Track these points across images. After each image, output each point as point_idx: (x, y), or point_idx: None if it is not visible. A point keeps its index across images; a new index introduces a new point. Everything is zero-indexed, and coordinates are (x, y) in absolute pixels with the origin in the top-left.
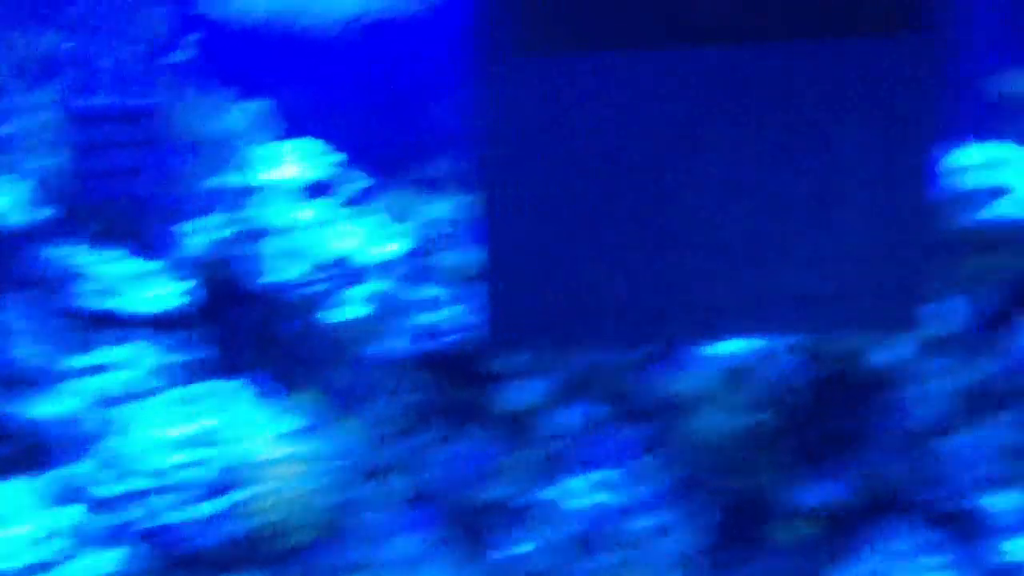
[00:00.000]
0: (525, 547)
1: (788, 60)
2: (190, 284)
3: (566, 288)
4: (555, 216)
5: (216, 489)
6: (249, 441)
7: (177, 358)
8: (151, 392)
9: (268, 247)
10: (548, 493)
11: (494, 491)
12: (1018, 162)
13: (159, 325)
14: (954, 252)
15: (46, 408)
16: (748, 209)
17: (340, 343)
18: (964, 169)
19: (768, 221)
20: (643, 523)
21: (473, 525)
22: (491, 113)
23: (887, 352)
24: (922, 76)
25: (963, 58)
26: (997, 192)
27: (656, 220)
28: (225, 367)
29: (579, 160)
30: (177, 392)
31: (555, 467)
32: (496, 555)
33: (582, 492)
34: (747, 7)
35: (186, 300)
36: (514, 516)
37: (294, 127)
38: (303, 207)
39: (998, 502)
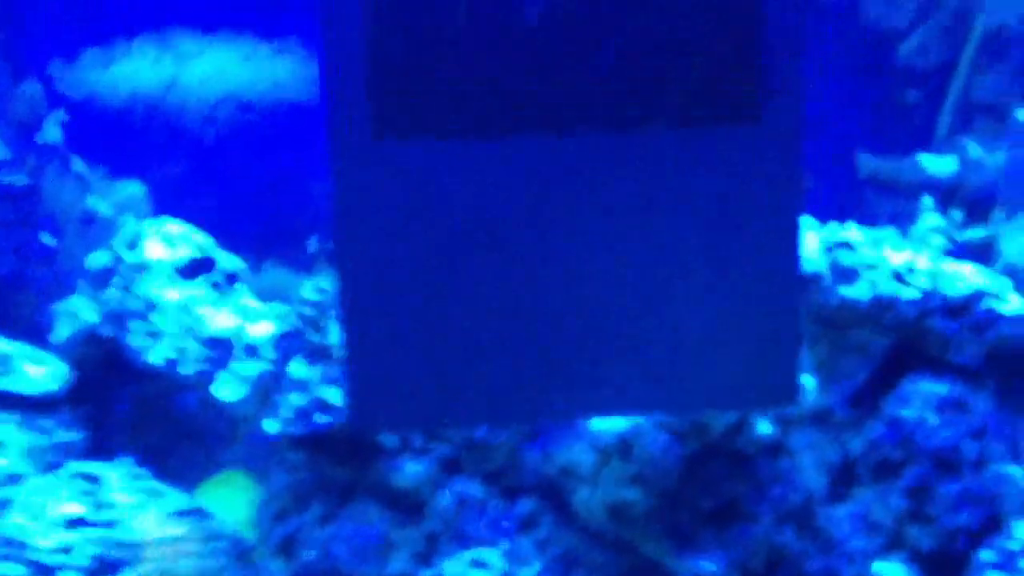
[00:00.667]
0: None
1: (646, 147)
2: (63, 364)
3: (431, 369)
4: (415, 298)
5: (98, 571)
6: (130, 522)
7: (54, 439)
8: (28, 474)
9: (141, 327)
10: (431, 571)
11: (379, 569)
12: (871, 243)
13: (32, 406)
14: (816, 330)
15: None
16: (614, 291)
17: (219, 422)
18: (819, 250)
19: (634, 303)
20: None
21: None
22: (345, 196)
23: (759, 427)
24: (774, 163)
25: (811, 142)
26: (850, 273)
27: (517, 303)
28: (102, 448)
29: (437, 241)
30: (53, 474)
31: (437, 545)
32: None
33: (463, 570)
34: (601, 97)
35: (60, 381)
36: None
37: (165, 206)
38: (174, 287)
39: (881, 571)
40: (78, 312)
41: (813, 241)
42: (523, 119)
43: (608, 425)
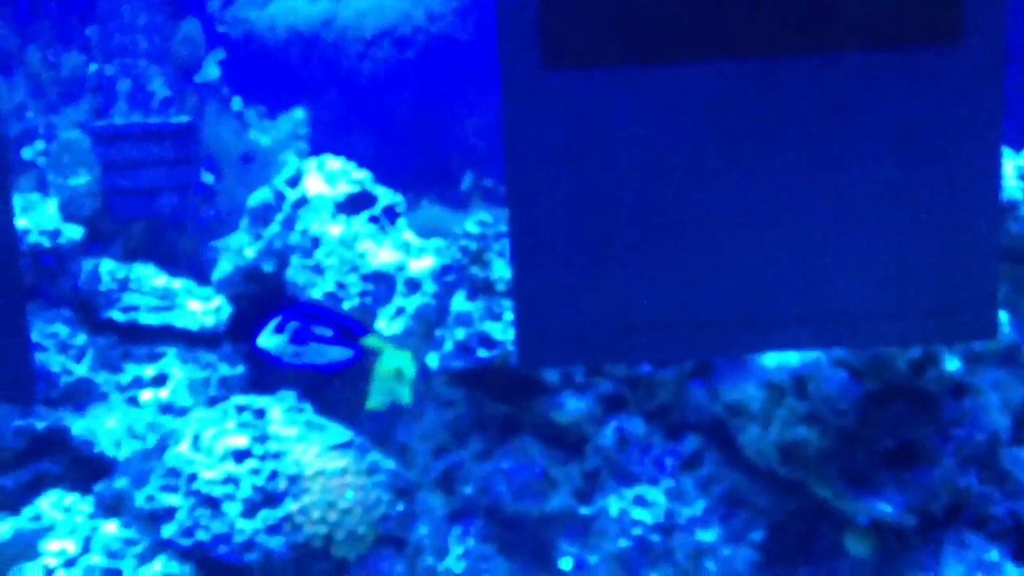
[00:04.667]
0: (571, 563)
1: (834, 71)
2: (225, 300)
3: (601, 303)
4: (587, 230)
5: (261, 503)
6: (293, 455)
7: (216, 373)
8: (192, 407)
9: (302, 262)
10: (593, 508)
11: (539, 505)
12: None
13: (198, 340)
14: (1011, 263)
15: (87, 423)
16: (797, 220)
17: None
18: (1015, 177)
19: (819, 232)
20: (689, 540)
21: (518, 540)
22: (518, 128)
23: (947, 363)
24: (973, 86)
25: (1009, 67)
26: None
27: (694, 233)
28: (263, 382)
29: (609, 173)
30: (217, 407)
31: (598, 482)
32: (543, 570)
33: (627, 508)
34: (786, 17)
35: (222, 316)
36: (560, 531)
37: (323, 144)
38: (336, 222)
39: None
40: (240, 248)
41: (1008, 167)
42: (700, 43)
43: (780, 361)
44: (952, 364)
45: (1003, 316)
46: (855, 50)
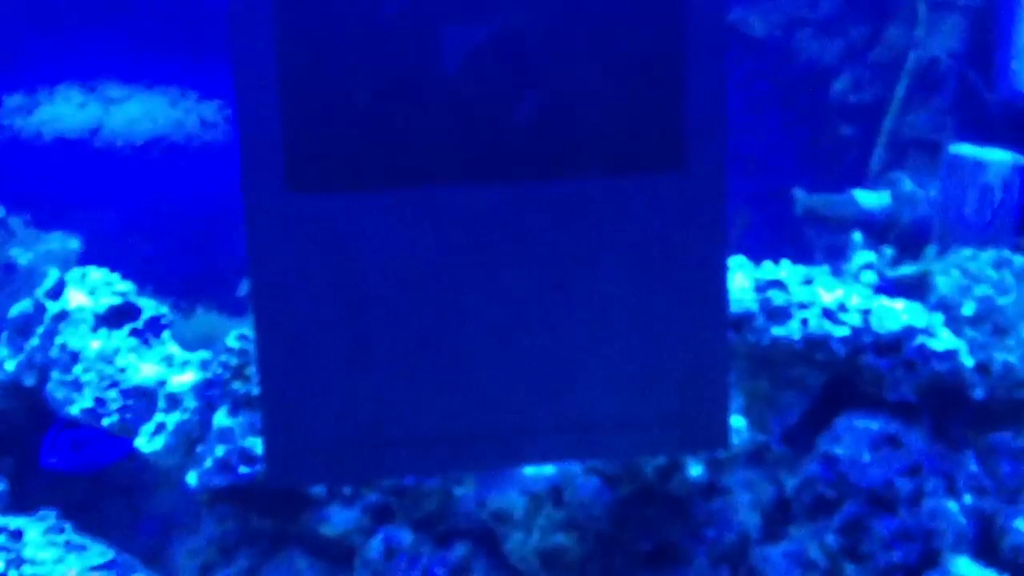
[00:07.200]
0: None
1: (573, 195)
2: None
3: (354, 420)
4: (336, 349)
5: None
6: None
7: None
8: None
9: (61, 377)
10: None
11: None
12: (802, 281)
13: None
14: (751, 367)
15: None
16: (539, 339)
17: (143, 474)
18: (751, 289)
19: (560, 351)
20: None
21: None
22: (260, 248)
23: (691, 469)
24: (699, 208)
25: (747, 179)
26: (781, 311)
27: (446, 350)
28: (23, 501)
29: (359, 293)
30: None
31: None
32: None
33: None
34: (522, 146)
35: None
36: None
37: (92, 253)
38: (96, 336)
39: None
40: (1, 362)
41: (744, 281)
42: (442, 169)
43: (539, 470)
44: (695, 470)
45: (742, 421)
46: (592, 176)
